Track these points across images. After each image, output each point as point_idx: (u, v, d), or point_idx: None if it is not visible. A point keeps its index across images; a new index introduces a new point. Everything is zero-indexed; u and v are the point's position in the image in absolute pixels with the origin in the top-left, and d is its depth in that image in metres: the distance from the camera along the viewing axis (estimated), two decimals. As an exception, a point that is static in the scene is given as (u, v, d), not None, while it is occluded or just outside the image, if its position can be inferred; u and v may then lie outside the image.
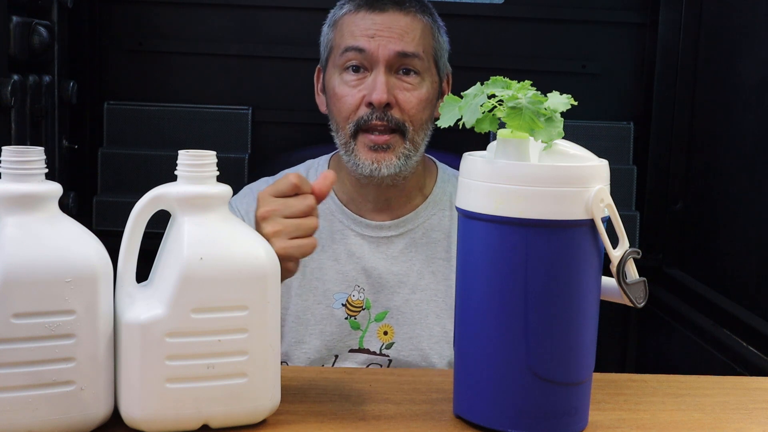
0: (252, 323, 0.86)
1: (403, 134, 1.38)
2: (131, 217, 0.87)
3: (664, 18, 2.19)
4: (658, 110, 2.23)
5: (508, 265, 0.86)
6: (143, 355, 0.83)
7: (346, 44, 1.40)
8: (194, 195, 0.86)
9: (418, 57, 1.39)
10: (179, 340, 0.84)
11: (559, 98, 0.87)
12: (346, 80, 1.40)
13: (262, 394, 0.88)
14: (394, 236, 1.45)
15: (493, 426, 0.89)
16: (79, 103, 2.01)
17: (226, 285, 0.85)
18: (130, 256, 0.87)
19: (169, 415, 0.84)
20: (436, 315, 1.43)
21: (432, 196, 1.48)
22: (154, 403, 0.84)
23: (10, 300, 0.79)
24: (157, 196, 0.86)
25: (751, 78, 1.89)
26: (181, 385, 0.84)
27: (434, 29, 1.45)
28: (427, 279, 1.44)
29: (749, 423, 0.96)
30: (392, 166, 1.38)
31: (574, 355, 0.88)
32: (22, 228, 0.81)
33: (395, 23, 1.40)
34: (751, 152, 1.88)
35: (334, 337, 1.41)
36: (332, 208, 1.47)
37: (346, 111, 1.39)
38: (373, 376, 1.07)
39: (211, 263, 0.84)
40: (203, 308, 0.84)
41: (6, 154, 0.82)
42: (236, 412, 0.87)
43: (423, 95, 1.40)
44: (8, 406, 0.80)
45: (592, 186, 0.85)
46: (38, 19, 1.77)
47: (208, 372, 0.85)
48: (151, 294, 0.85)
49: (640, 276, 0.90)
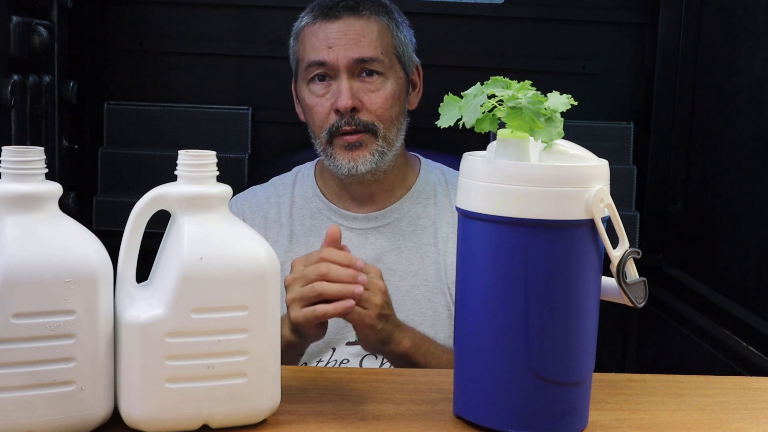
0: (252, 323, 0.86)
1: (374, 133, 1.45)
2: (131, 217, 0.86)
3: (664, 18, 2.19)
4: (658, 110, 2.23)
5: (508, 265, 0.86)
6: (143, 355, 0.83)
7: (308, 59, 1.47)
8: (194, 195, 0.86)
9: (376, 60, 1.46)
10: (179, 340, 0.84)
11: (559, 98, 0.87)
12: (314, 90, 1.48)
13: (263, 394, 0.88)
14: (381, 226, 1.51)
15: (493, 426, 0.89)
16: (79, 103, 2.01)
17: (226, 285, 0.84)
18: (130, 256, 0.87)
19: (169, 415, 0.84)
20: (428, 299, 1.47)
21: (416, 186, 1.55)
22: (154, 403, 0.84)
23: (10, 300, 0.79)
24: (157, 196, 0.86)
25: (751, 78, 1.89)
26: (181, 385, 0.84)
27: (391, 27, 1.50)
28: (416, 265, 1.49)
29: (749, 423, 0.96)
30: (367, 162, 1.45)
31: (574, 355, 0.88)
32: (22, 228, 0.81)
33: (350, 29, 1.46)
34: (751, 152, 1.88)
35: (330, 330, 1.41)
36: (319, 206, 1.54)
37: (319, 120, 1.47)
38: (373, 376, 1.07)
39: (211, 263, 0.84)
40: (203, 308, 0.84)
41: (6, 154, 0.82)
42: (236, 412, 0.87)
43: (388, 93, 1.46)
44: (8, 406, 0.80)
45: (592, 186, 0.85)
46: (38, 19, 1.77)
47: (208, 372, 0.85)
48: (151, 294, 0.85)
49: (640, 276, 0.90)
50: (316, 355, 1.42)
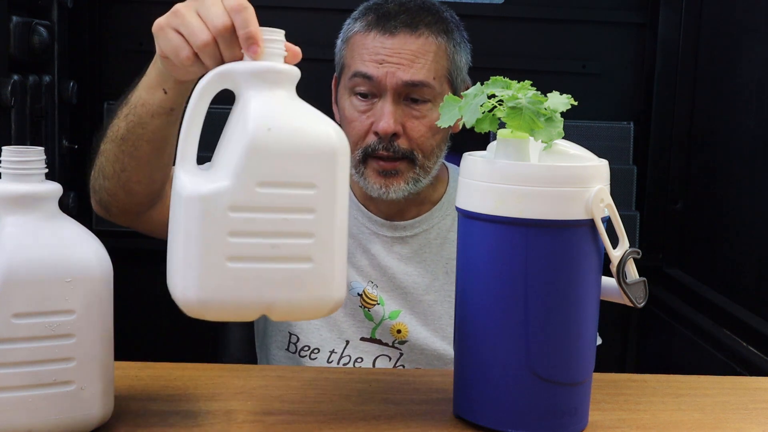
0: (319, 204, 0.81)
1: (412, 161, 1.37)
2: (195, 92, 0.82)
3: (664, 18, 2.20)
4: (658, 110, 2.23)
5: (508, 265, 0.86)
6: (204, 230, 0.78)
7: (355, 68, 1.37)
8: (263, 69, 0.83)
9: (426, 85, 1.36)
10: (243, 215, 0.79)
11: (559, 98, 0.87)
12: (355, 105, 1.38)
13: (327, 284, 0.82)
14: (408, 236, 1.45)
15: (493, 426, 0.89)
16: (79, 103, 2.01)
17: (294, 159, 0.80)
18: (192, 136, 0.82)
19: (229, 298, 0.79)
20: (450, 316, 1.42)
21: (445, 197, 1.48)
22: (215, 283, 0.79)
23: (10, 300, 0.79)
24: (222, 72, 0.83)
25: (751, 78, 1.89)
26: (243, 265, 0.79)
27: (449, 49, 1.40)
28: (441, 280, 1.44)
29: (749, 423, 0.96)
30: (400, 191, 1.37)
31: (574, 355, 0.88)
32: (22, 228, 0.81)
33: (405, 48, 1.36)
34: (751, 152, 1.88)
35: (348, 318, 1.41)
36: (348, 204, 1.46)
37: (355, 137, 1.38)
38: (373, 376, 1.07)
39: (279, 135, 0.79)
40: (269, 182, 0.79)
41: (6, 154, 0.82)
42: (299, 301, 0.81)
43: (433, 122, 1.35)
44: (8, 406, 0.80)
45: (592, 186, 0.86)
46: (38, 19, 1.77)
47: (272, 252, 0.79)
48: (215, 170, 0.80)
49: (640, 276, 0.90)
50: (329, 344, 1.41)
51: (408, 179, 1.37)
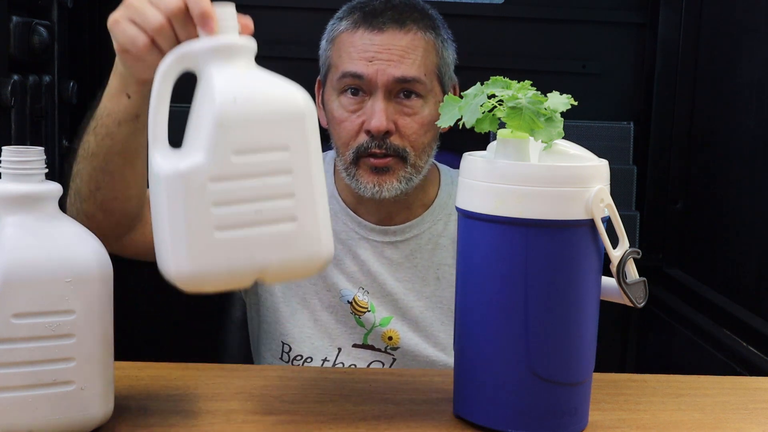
0: (295, 164, 0.82)
1: (403, 159, 1.35)
2: (156, 78, 0.84)
3: (664, 18, 2.19)
4: (658, 110, 2.23)
5: (508, 265, 0.86)
6: (187, 205, 0.79)
7: (344, 68, 1.35)
8: (222, 44, 0.84)
9: (418, 81, 1.34)
10: (222, 185, 0.80)
11: (559, 98, 0.87)
12: (344, 104, 1.36)
13: (314, 240, 0.84)
14: (398, 241, 1.43)
15: (493, 426, 0.89)
16: (79, 103, 2.01)
17: (263, 124, 0.82)
18: (161, 117, 0.84)
19: (221, 267, 0.81)
20: (441, 322, 1.41)
21: (437, 200, 1.46)
22: (206, 254, 0.80)
23: (10, 300, 0.79)
24: (182, 51, 0.84)
25: (751, 78, 1.89)
26: (230, 233, 0.80)
27: (437, 45, 1.39)
28: (432, 286, 1.42)
29: (749, 423, 0.96)
30: (393, 189, 1.35)
31: (574, 355, 0.88)
32: (22, 228, 0.81)
33: (395, 44, 1.34)
34: (751, 152, 1.88)
35: (339, 325, 1.40)
36: (336, 209, 1.44)
37: (345, 137, 1.36)
38: (373, 376, 1.07)
39: (245, 103, 0.81)
40: (243, 150, 0.81)
41: (6, 154, 0.82)
42: (291, 260, 0.83)
43: (425, 118, 1.35)
44: (8, 406, 0.80)
45: (592, 186, 0.86)
46: (38, 19, 1.77)
47: (257, 217, 0.81)
48: (188, 148, 0.82)
49: (640, 276, 0.90)
50: (321, 352, 1.41)
51: (400, 177, 1.35)
